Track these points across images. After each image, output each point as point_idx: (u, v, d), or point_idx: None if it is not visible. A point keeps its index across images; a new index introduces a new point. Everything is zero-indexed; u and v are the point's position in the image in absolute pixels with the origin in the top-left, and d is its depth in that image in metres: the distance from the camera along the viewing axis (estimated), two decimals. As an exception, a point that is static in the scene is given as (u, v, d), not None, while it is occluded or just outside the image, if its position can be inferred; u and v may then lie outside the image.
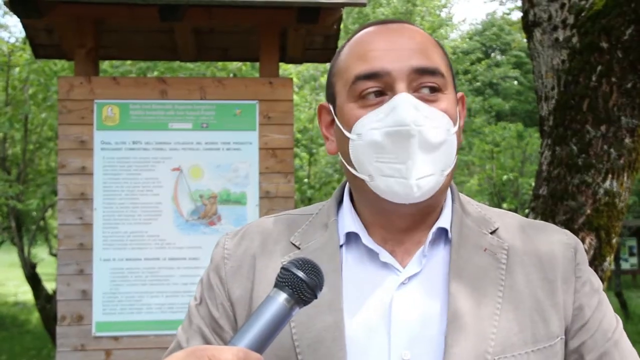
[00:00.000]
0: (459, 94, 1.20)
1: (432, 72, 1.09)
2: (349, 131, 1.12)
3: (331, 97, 1.19)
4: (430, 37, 1.17)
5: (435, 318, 1.09)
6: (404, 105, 1.06)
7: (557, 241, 1.18)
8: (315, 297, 0.99)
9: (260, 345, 0.93)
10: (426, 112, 1.07)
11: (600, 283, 1.20)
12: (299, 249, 1.17)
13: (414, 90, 1.09)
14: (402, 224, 1.15)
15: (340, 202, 1.23)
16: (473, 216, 1.19)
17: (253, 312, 0.96)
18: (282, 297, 0.96)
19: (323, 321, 1.09)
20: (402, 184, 1.07)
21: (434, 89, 1.09)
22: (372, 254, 1.14)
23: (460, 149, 1.18)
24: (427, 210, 1.15)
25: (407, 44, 1.11)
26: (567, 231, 1.22)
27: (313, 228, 1.20)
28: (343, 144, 1.15)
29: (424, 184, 1.07)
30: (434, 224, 1.16)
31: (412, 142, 1.06)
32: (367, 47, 1.12)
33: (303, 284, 0.97)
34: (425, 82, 1.09)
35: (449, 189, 1.21)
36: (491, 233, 1.16)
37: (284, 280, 0.97)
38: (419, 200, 1.09)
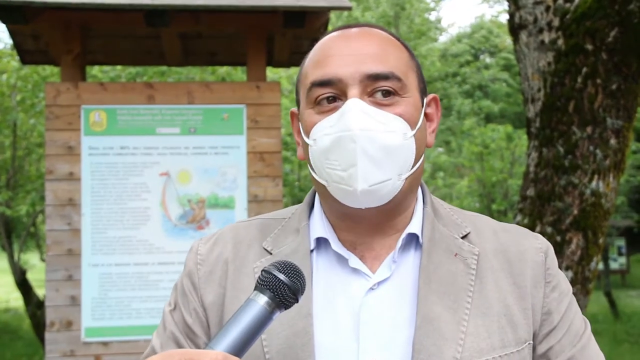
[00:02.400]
0: (431, 96, 1.20)
1: (386, 76, 1.09)
2: (308, 137, 1.13)
3: (297, 103, 1.21)
4: (392, 39, 1.17)
5: (404, 323, 1.09)
6: (352, 110, 1.06)
7: (528, 246, 1.18)
8: (297, 301, 0.97)
9: (239, 349, 0.91)
10: (379, 117, 1.07)
11: (570, 287, 1.21)
12: (271, 254, 1.17)
13: (369, 95, 1.09)
14: (367, 228, 1.15)
15: (311, 206, 1.23)
16: (445, 220, 1.19)
17: (233, 315, 0.94)
18: (262, 300, 0.94)
19: (292, 327, 1.09)
20: (346, 191, 1.08)
21: (388, 93, 1.09)
22: (342, 260, 1.14)
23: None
24: (391, 214, 1.14)
25: (362, 48, 1.11)
26: (539, 235, 1.22)
27: (285, 233, 1.19)
28: (305, 149, 1.16)
29: (378, 190, 1.07)
30: (404, 228, 1.16)
31: (355, 148, 1.06)
32: (324, 53, 1.14)
33: (285, 287, 0.95)
34: (379, 87, 1.09)
35: (419, 192, 1.21)
36: (462, 237, 1.17)
37: (265, 283, 0.95)
38: (375, 205, 1.10)
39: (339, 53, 1.12)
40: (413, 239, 1.16)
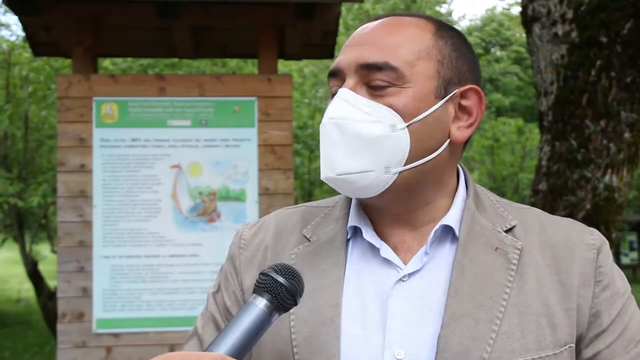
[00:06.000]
0: (467, 87, 1.12)
1: (378, 67, 1.06)
2: None
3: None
4: (415, 24, 1.12)
5: (432, 318, 1.05)
6: (334, 99, 1.08)
7: (579, 241, 1.11)
8: (295, 304, 0.97)
9: (239, 352, 0.91)
10: (365, 107, 1.05)
11: (628, 287, 1.12)
12: (310, 241, 1.16)
13: (367, 85, 1.07)
14: (391, 219, 1.12)
15: None
16: (488, 212, 1.14)
17: (232, 318, 0.95)
18: (261, 302, 0.94)
19: (320, 315, 1.08)
20: (324, 179, 1.10)
21: (382, 84, 1.06)
22: (374, 249, 1.12)
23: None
24: (405, 206, 1.11)
25: (368, 39, 1.09)
26: (594, 230, 1.14)
27: (326, 221, 1.18)
28: None
29: (354, 180, 1.06)
30: (435, 220, 1.12)
31: (322, 136, 1.08)
32: (344, 45, 1.13)
33: (282, 288, 0.95)
34: (374, 78, 1.06)
35: (461, 182, 1.16)
36: (506, 231, 1.11)
37: (264, 286, 0.95)
38: (365, 196, 1.08)
39: (349, 44, 1.12)
40: (450, 231, 1.11)
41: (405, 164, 1.06)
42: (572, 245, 1.10)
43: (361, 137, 1.04)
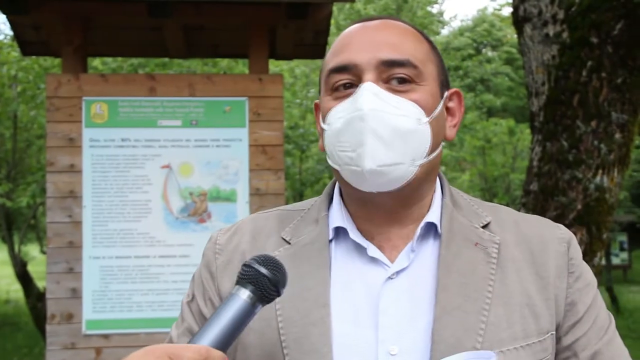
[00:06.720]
0: (452, 90, 1.20)
1: (401, 63, 1.10)
2: (324, 122, 1.15)
3: (319, 93, 1.22)
4: (412, 30, 1.18)
5: (423, 313, 1.08)
6: (364, 92, 1.07)
7: (551, 236, 1.17)
8: (279, 294, 0.99)
9: (223, 344, 0.92)
10: (392, 101, 1.08)
11: (595, 279, 1.19)
12: (290, 243, 1.17)
13: (385, 81, 1.10)
14: (384, 217, 1.14)
15: (331, 197, 1.23)
16: (464, 210, 1.18)
17: (216, 310, 0.95)
18: (244, 294, 0.95)
19: (309, 316, 1.08)
20: (355, 172, 1.09)
21: (404, 80, 1.10)
22: (360, 249, 1.14)
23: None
24: (407, 202, 1.14)
25: (380, 37, 1.12)
26: (561, 225, 1.21)
27: (304, 223, 1.20)
28: (322, 136, 1.17)
29: (388, 172, 1.07)
30: (421, 218, 1.15)
31: (363, 127, 1.06)
32: (343, 42, 1.15)
33: (265, 279, 0.96)
34: (394, 74, 1.10)
35: (437, 183, 1.21)
36: (483, 227, 1.16)
37: (247, 277, 0.96)
38: (388, 189, 1.09)
39: (356, 41, 1.13)
40: (432, 229, 1.15)
41: (426, 157, 1.11)
42: (545, 239, 1.16)
43: (396, 129, 1.07)
